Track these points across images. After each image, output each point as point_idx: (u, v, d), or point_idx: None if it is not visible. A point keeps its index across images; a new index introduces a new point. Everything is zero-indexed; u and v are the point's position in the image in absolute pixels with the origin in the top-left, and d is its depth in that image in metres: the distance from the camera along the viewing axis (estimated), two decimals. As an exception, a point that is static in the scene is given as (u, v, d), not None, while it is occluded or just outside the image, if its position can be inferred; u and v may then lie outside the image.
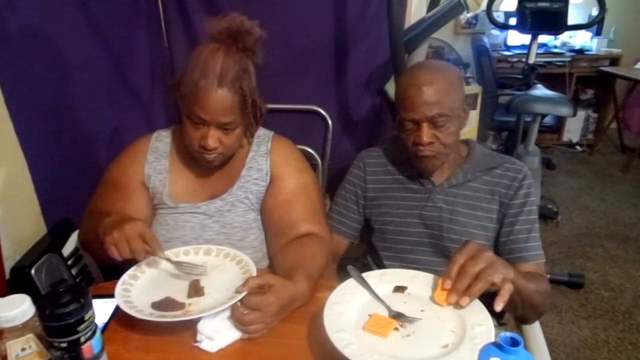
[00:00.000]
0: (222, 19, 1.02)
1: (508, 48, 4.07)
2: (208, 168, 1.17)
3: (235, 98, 1.02)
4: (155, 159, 1.17)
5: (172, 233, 1.12)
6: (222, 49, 1.01)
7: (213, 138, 1.04)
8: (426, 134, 1.06)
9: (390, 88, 1.64)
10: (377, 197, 1.24)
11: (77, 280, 1.32)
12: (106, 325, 0.90)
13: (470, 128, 2.00)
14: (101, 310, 0.92)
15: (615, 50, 4.04)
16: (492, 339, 0.75)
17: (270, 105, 1.16)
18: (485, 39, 3.76)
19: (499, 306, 0.81)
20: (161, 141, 1.20)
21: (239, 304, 0.85)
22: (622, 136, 4.14)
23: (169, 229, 1.13)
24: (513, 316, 1.15)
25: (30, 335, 0.70)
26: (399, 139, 1.15)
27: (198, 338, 0.84)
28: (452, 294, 0.83)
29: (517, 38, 3.97)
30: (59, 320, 0.66)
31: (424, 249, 1.17)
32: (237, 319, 0.84)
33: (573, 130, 4.22)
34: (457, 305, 0.84)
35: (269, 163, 1.16)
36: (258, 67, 1.09)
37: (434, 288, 0.88)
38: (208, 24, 1.03)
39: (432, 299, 0.87)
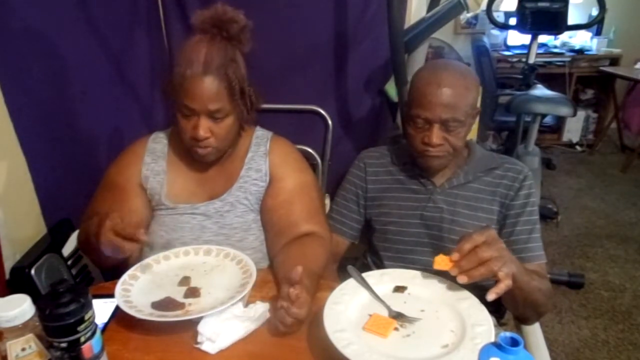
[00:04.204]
0: (205, 9, 1.02)
1: (508, 48, 4.07)
2: (206, 168, 1.17)
3: (222, 85, 1.01)
4: (152, 160, 1.17)
5: (171, 234, 1.12)
6: (206, 38, 1.02)
7: (204, 128, 1.03)
8: (436, 135, 1.05)
9: (390, 88, 1.63)
10: (377, 197, 1.23)
11: (77, 280, 1.32)
12: (106, 325, 0.90)
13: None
14: (101, 310, 0.92)
15: (615, 50, 4.04)
16: (492, 339, 0.75)
17: (270, 106, 1.16)
18: (485, 39, 3.75)
19: (490, 296, 0.83)
20: (159, 142, 1.20)
21: (283, 303, 0.83)
22: (622, 136, 4.14)
23: (168, 230, 1.12)
24: (513, 316, 1.15)
25: (30, 335, 0.70)
26: (405, 134, 1.13)
27: (199, 339, 0.83)
28: (455, 268, 0.85)
29: (517, 38, 3.96)
30: (59, 320, 0.66)
31: (424, 249, 1.16)
32: (280, 319, 0.83)
33: (573, 130, 4.22)
34: (457, 303, 0.86)
35: (268, 163, 1.16)
36: (258, 66, 1.09)
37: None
38: (193, 16, 1.03)
39: (433, 262, 0.89)
